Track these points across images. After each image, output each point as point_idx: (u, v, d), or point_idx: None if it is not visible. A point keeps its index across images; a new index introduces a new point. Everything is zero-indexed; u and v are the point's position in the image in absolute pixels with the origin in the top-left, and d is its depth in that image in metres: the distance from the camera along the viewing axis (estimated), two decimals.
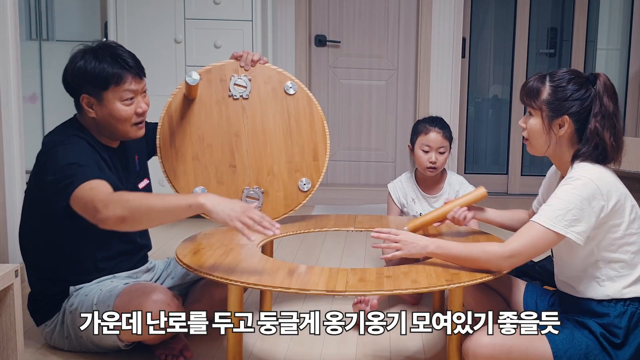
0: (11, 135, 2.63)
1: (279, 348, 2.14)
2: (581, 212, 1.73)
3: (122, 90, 1.98)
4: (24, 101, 3.44)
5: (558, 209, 1.74)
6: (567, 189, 1.76)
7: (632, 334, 1.79)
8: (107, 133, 2.05)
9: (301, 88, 2.36)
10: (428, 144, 2.69)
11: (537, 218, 1.76)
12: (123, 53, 2.00)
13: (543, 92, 1.84)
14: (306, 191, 2.36)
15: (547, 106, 1.83)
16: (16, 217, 2.68)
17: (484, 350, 1.74)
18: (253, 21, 3.79)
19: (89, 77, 1.96)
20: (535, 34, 4.96)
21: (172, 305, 1.88)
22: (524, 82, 1.91)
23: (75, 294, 2.01)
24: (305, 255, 3.25)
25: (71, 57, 2.01)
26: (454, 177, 2.81)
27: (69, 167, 1.86)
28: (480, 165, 5.16)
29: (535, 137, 1.88)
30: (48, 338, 2.08)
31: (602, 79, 1.84)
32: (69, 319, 1.99)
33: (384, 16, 4.63)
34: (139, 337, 1.93)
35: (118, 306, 1.90)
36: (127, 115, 2.00)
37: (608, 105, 1.82)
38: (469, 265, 1.82)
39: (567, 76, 1.84)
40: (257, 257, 1.98)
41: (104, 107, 1.98)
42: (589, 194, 1.73)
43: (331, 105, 4.68)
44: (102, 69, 1.95)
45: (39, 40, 4.70)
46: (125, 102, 1.99)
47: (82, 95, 1.98)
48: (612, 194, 1.77)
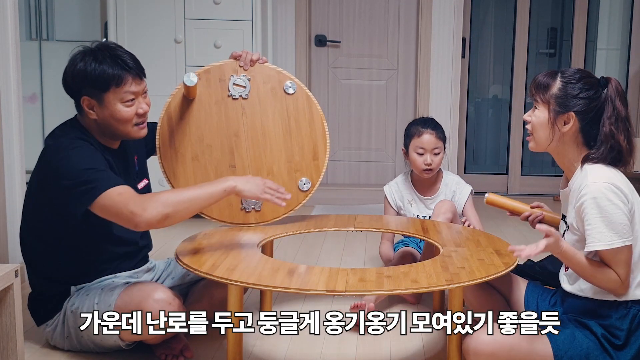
0: (11, 135, 2.63)
1: (279, 348, 2.14)
2: (621, 213, 1.74)
3: (123, 91, 1.97)
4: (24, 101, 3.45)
5: (609, 227, 1.74)
6: (593, 207, 1.75)
7: (633, 336, 1.79)
8: (109, 134, 2.05)
9: (300, 87, 2.36)
10: (422, 146, 2.68)
11: (606, 246, 1.74)
12: (123, 54, 1.99)
13: (553, 86, 1.87)
14: (306, 191, 2.36)
15: (555, 100, 1.86)
16: (16, 217, 2.68)
17: (485, 347, 1.74)
18: (253, 21, 3.79)
19: (89, 79, 1.95)
20: (535, 34, 4.96)
21: (173, 304, 1.88)
22: (534, 77, 1.94)
23: (76, 293, 2.01)
24: (305, 255, 3.25)
25: (71, 58, 2.00)
26: (450, 177, 2.80)
27: (86, 172, 1.87)
28: (480, 165, 5.16)
29: (539, 131, 1.89)
30: (49, 338, 2.08)
31: (614, 83, 1.87)
32: (70, 319, 1.99)
33: (384, 16, 4.63)
34: (140, 337, 1.93)
35: (119, 305, 1.90)
36: (128, 116, 2.00)
37: (621, 109, 1.84)
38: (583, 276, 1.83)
39: (579, 75, 1.87)
40: (257, 257, 1.98)
41: (104, 109, 1.98)
42: (612, 196, 1.74)
43: (331, 105, 4.68)
44: (102, 71, 1.95)
45: (39, 40, 4.69)
46: (126, 104, 1.99)
47: (83, 97, 1.98)
48: (628, 192, 1.78)
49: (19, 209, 2.69)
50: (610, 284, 1.78)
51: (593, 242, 1.75)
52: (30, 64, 4.64)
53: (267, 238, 2.21)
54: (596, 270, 1.79)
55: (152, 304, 1.85)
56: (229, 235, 2.20)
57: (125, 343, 1.96)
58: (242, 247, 2.07)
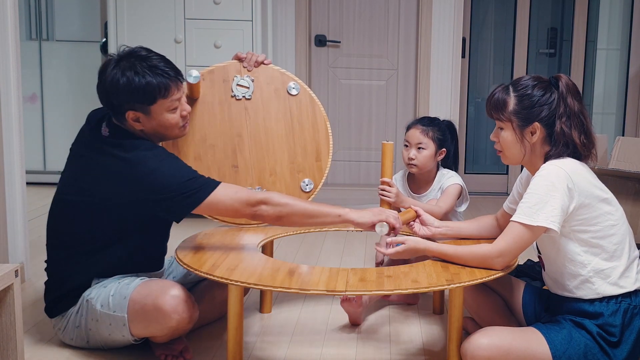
0: (11, 135, 2.63)
1: (279, 348, 2.14)
2: (552, 198, 1.74)
3: (169, 101, 1.97)
4: (24, 101, 3.45)
5: (531, 202, 1.77)
6: (535, 182, 1.79)
7: (627, 330, 1.79)
8: (156, 140, 2.06)
9: (304, 89, 2.36)
10: (407, 140, 2.67)
11: (515, 216, 1.80)
12: (159, 62, 1.97)
13: (509, 103, 1.85)
14: (308, 192, 2.36)
15: (515, 116, 1.84)
16: (16, 217, 2.68)
17: (482, 352, 1.74)
18: (253, 21, 3.79)
19: (135, 95, 1.92)
20: (535, 34, 4.96)
21: (188, 302, 1.90)
22: (487, 96, 1.91)
23: (95, 285, 2.02)
24: (305, 255, 3.25)
25: (103, 71, 1.96)
26: (444, 173, 2.72)
27: (190, 181, 1.91)
28: (480, 165, 5.16)
29: (509, 149, 1.89)
30: (61, 329, 2.07)
31: (564, 80, 1.85)
32: (84, 309, 2.00)
33: (384, 16, 4.63)
34: (150, 333, 1.94)
35: (134, 298, 1.91)
36: (175, 122, 2.01)
37: (573, 104, 1.83)
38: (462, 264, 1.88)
39: (530, 83, 1.85)
40: (257, 257, 1.98)
41: (152, 120, 1.98)
42: (555, 178, 1.76)
43: (331, 105, 4.68)
44: (148, 84, 1.92)
45: (39, 40, 4.70)
46: (173, 111, 2.00)
47: (128, 112, 1.96)
48: (580, 178, 1.78)
49: (19, 209, 2.70)
50: (484, 254, 1.83)
51: (519, 213, 1.79)
52: (30, 64, 4.64)
53: (267, 238, 2.21)
54: (462, 255, 1.87)
55: (169, 300, 1.87)
56: (229, 235, 2.20)
57: (133, 338, 1.96)
58: (242, 247, 2.08)
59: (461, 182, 2.64)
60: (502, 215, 2.09)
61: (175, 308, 1.87)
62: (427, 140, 2.64)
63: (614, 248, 1.80)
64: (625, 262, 1.81)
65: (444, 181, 2.68)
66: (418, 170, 2.69)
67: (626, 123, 4.94)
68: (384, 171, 2.35)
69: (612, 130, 5.01)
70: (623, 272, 1.81)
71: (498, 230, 2.06)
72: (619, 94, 5.00)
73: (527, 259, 2.40)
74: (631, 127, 4.91)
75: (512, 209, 2.01)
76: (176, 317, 1.87)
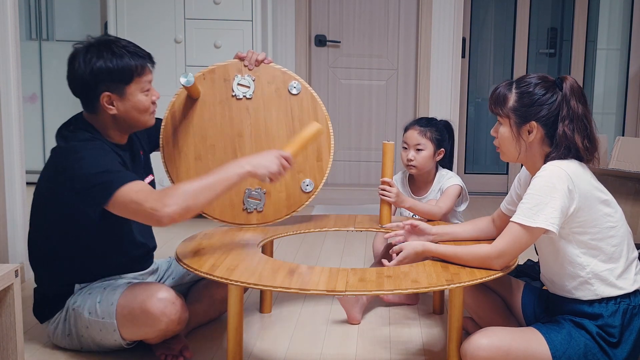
0: (11, 135, 2.63)
1: (279, 348, 2.14)
2: (552, 199, 1.74)
3: (143, 81, 2.00)
4: (24, 101, 3.45)
5: (531, 203, 1.76)
6: (536, 182, 1.78)
7: (627, 331, 1.79)
8: (126, 127, 2.04)
9: (305, 88, 2.35)
10: (405, 141, 2.68)
11: (515, 217, 1.80)
12: (129, 44, 2.01)
13: (510, 99, 1.84)
14: (309, 192, 2.36)
15: (514, 113, 1.83)
16: (16, 217, 2.68)
17: (482, 352, 1.74)
18: (253, 21, 3.79)
19: (113, 74, 1.94)
20: (535, 34, 4.96)
21: (176, 303, 1.89)
22: (492, 90, 1.90)
23: (79, 292, 2.01)
24: (305, 255, 3.25)
25: (74, 59, 1.97)
26: (443, 174, 2.73)
27: (102, 174, 1.85)
28: (480, 165, 5.16)
29: (506, 145, 1.88)
30: (51, 335, 2.08)
31: (569, 81, 1.83)
32: (72, 317, 1.99)
33: (384, 16, 4.63)
34: (141, 336, 1.93)
35: (122, 304, 1.90)
36: (148, 105, 2.03)
37: (576, 107, 1.81)
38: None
39: (534, 81, 1.84)
40: (257, 257, 1.98)
41: (126, 101, 1.98)
42: (556, 179, 1.74)
43: (331, 105, 4.68)
44: (126, 63, 1.95)
45: (39, 40, 4.70)
46: (145, 93, 2.01)
47: (103, 94, 1.97)
48: (580, 179, 1.77)
49: (19, 209, 2.70)
50: (483, 254, 1.83)
51: (518, 214, 1.79)
52: (30, 64, 4.64)
53: (267, 238, 2.21)
54: (469, 250, 1.87)
55: (156, 303, 1.86)
56: (229, 235, 2.20)
57: (126, 342, 1.96)
58: (242, 247, 2.07)
59: (461, 183, 2.65)
60: (499, 217, 2.09)
61: (162, 310, 1.86)
62: (425, 140, 2.64)
63: (613, 250, 1.80)
64: (623, 263, 1.81)
65: (444, 182, 2.68)
66: (417, 171, 2.69)
67: (626, 123, 4.94)
68: (385, 171, 2.35)
69: (612, 130, 5.01)
70: (621, 273, 1.81)
71: (495, 232, 2.06)
72: (619, 94, 5.00)
73: (527, 259, 2.40)
74: (631, 127, 4.91)
75: (509, 210, 2.00)
76: (165, 319, 1.87)
